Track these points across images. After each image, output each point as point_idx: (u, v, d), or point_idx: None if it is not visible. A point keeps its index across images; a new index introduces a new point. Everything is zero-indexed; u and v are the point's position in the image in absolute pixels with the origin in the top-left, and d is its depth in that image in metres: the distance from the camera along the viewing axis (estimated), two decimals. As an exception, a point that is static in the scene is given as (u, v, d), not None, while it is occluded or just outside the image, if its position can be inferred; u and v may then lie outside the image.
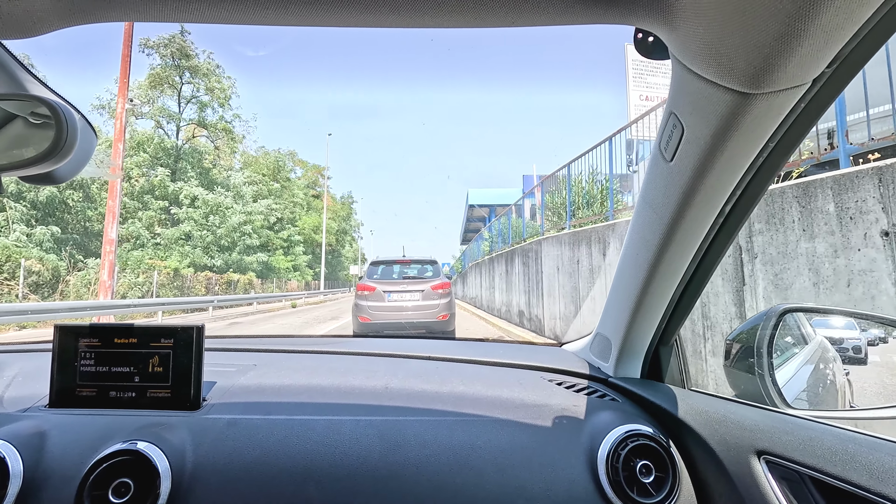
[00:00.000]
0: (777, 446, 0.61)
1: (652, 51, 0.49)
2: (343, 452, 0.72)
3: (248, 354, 1.07)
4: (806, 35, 0.36)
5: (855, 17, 0.36)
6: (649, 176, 0.67)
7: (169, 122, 28.93)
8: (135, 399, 0.79)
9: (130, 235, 23.57)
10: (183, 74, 28.55)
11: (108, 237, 11.56)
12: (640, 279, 0.77)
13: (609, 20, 0.44)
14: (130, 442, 0.68)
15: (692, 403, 0.78)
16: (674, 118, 0.55)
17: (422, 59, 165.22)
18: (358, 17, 0.43)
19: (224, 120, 30.60)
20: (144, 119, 27.70)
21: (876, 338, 0.85)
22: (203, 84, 29.24)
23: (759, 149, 0.53)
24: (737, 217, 0.65)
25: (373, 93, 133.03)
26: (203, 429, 0.75)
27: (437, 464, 0.72)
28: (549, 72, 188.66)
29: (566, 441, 0.77)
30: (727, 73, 0.43)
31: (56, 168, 0.51)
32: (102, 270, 11.46)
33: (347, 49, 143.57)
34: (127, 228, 23.36)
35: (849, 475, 0.52)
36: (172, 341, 0.80)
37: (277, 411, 0.79)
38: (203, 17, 0.43)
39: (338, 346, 1.17)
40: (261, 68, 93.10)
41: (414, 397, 0.85)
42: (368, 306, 7.16)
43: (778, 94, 0.44)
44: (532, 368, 1.03)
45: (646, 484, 0.70)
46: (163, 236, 24.84)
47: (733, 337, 0.88)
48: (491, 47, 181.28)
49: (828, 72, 0.43)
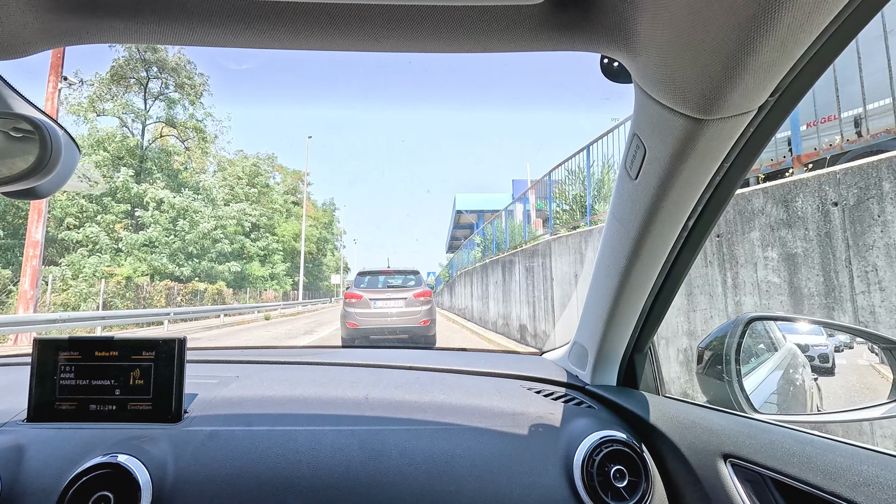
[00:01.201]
0: (741, 450, 0.64)
1: (617, 75, 0.53)
2: (325, 462, 0.73)
3: (231, 366, 1.07)
4: (748, 68, 0.40)
5: (791, 53, 0.40)
6: (617, 193, 0.71)
7: (135, 121, 26.80)
8: (115, 412, 0.79)
9: (88, 240, 21.38)
10: (150, 68, 26.46)
11: (31, 238, 9.62)
12: (612, 289, 0.79)
13: (576, 48, 0.48)
14: (111, 455, 0.68)
15: (664, 409, 0.81)
16: (637, 139, 0.59)
17: (403, 79, 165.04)
18: (339, 43, 0.46)
19: (195, 118, 28.48)
20: (106, 116, 25.58)
21: (842, 344, 0.87)
22: (172, 80, 27.20)
23: (715, 169, 0.56)
24: (700, 231, 0.67)
25: (355, 109, 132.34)
26: (184, 441, 0.75)
27: (417, 472, 0.73)
28: (534, 77, 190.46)
29: (543, 448, 0.78)
30: (681, 99, 0.46)
31: (39, 184, 0.52)
32: (24, 279, 9.49)
33: (332, 67, 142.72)
34: (83, 232, 21.17)
35: (805, 476, 0.55)
36: (154, 354, 0.80)
37: (259, 422, 0.79)
38: (188, 40, 0.45)
39: (320, 357, 1.19)
40: (243, 81, 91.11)
41: (395, 407, 0.85)
42: (356, 313, 7.66)
43: (727, 119, 0.47)
44: (511, 377, 1.04)
45: (619, 488, 0.71)
46: (125, 242, 22.69)
47: (705, 344, 0.89)
48: (471, 64, 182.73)
49: (771, 100, 0.47)
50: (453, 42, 0.46)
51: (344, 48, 0.46)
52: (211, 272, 26.86)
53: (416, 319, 7.77)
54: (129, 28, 0.43)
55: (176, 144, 28.59)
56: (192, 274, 25.35)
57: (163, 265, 23.29)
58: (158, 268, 23.21)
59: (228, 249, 28.28)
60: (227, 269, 27.85)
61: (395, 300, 7.86)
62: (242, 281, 32.71)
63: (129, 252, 22.60)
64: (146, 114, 26.87)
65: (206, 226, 25.95)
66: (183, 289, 22.42)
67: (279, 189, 47.01)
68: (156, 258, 23.38)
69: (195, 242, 25.48)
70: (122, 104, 25.60)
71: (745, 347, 0.83)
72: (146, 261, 22.86)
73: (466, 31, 0.44)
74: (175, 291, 21.49)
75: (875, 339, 0.83)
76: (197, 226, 25.59)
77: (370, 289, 8.08)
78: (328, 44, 0.46)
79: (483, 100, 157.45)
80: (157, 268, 23.16)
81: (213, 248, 27.13)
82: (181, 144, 29.38)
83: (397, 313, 7.75)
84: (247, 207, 31.95)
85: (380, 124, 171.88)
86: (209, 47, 0.47)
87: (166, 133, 28.53)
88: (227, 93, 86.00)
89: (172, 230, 24.66)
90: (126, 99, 25.96)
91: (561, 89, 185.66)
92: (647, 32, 0.43)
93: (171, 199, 24.61)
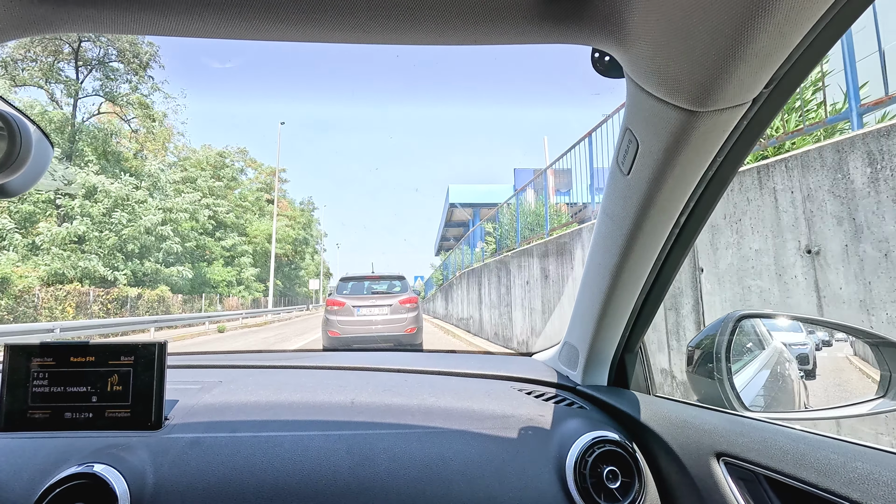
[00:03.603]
0: (734, 448, 0.63)
1: (608, 69, 0.52)
2: (311, 468, 0.71)
3: (214, 371, 1.04)
4: (743, 58, 0.40)
5: (786, 43, 0.39)
6: (608, 189, 0.69)
7: (67, 95, 22.34)
8: (92, 420, 0.75)
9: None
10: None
11: None
12: (603, 288, 0.78)
13: (567, 40, 0.47)
14: (86, 465, 0.65)
15: (656, 409, 0.79)
16: (629, 133, 0.58)
17: (390, 75, 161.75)
18: (324, 35, 0.45)
19: (139, 92, 23.97)
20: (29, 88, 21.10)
21: (821, 342, 0.86)
22: (112, 47, 22.84)
23: (708, 163, 0.56)
24: (692, 228, 0.67)
25: (338, 106, 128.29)
26: (164, 449, 0.72)
27: (406, 477, 0.71)
28: (529, 70, 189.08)
29: (535, 450, 0.77)
30: (675, 92, 0.46)
31: (8, 181, 0.50)
32: None
33: (314, 61, 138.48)
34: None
35: (799, 473, 0.54)
36: (133, 359, 0.77)
37: (243, 429, 0.76)
38: (164, 30, 0.43)
39: (306, 361, 1.16)
40: (219, 77, 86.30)
41: (384, 410, 0.83)
42: (338, 321, 7.40)
43: (721, 112, 0.47)
44: (501, 378, 1.03)
45: (612, 489, 0.70)
46: (45, 237, 18.25)
47: (695, 343, 0.88)
48: (463, 58, 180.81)
49: (765, 92, 0.47)
50: (442, 34, 0.45)
51: (329, 40, 0.45)
52: (157, 276, 22.38)
53: (401, 327, 7.48)
54: (104, 16, 0.41)
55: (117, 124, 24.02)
56: (133, 279, 20.89)
57: (92, 267, 18.84)
58: (87, 270, 18.77)
59: (180, 249, 23.72)
60: (175, 272, 23.27)
61: (380, 307, 7.57)
62: (202, 286, 28.26)
63: (47, 249, 18.16)
64: (78, 84, 22.35)
65: (151, 219, 21.36)
66: (104, 295, 17.89)
67: (251, 186, 42.67)
68: (84, 258, 18.93)
69: (135, 239, 20.94)
70: (44, 68, 20.94)
71: (734, 345, 0.82)
72: (69, 260, 18.41)
73: (455, 22, 0.43)
74: (91, 298, 16.93)
75: (862, 334, 0.82)
76: (138, 219, 21.08)
77: (353, 295, 7.81)
78: (312, 35, 0.44)
79: (476, 95, 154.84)
80: (85, 270, 18.72)
81: (160, 246, 22.57)
82: (127, 125, 24.90)
83: (382, 321, 7.47)
84: (204, 199, 27.52)
85: (366, 121, 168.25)
86: (184, 38, 0.44)
87: (108, 110, 24.05)
88: (200, 88, 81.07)
89: (107, 223, 20.23)
90: (50, 63, 21.36)
91: (553, 84, 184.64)
92: (640, 23, 0.42)
93: (107, 186, 20.23)
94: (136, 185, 21.80)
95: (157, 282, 22.27)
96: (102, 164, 21.78)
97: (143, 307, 19.88)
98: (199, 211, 26.28)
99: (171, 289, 22.71)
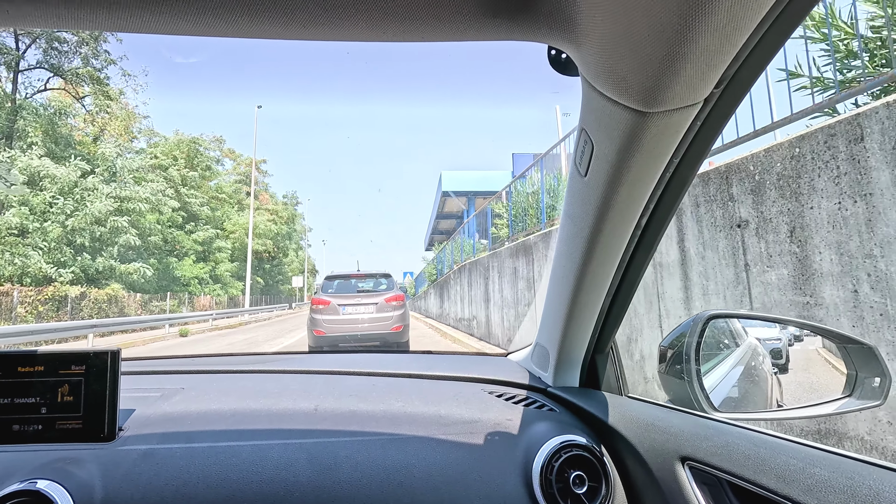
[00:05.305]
0: (699, 452, 0.63)
1: (565, 67, 0.51)
2: (270, 478, 0.69)
3: (177, 377, 1.00)
4: (688, 58, 0.39)
5: (732, 42, 0.39)
6: (568, 190, 0.68)
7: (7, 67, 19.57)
8: (41, 432, 0.72)
9: None
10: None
11: None
12: (569, 289, 0.77)
13: (520, 37, 0.46)
14: (29, 481, 0.63)
15: (625, 411, 0.79)
16: (584, 134, 0.57)
17: (372, 71, 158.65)
18: (276, 31, 0.44)
19: (91, 66, 21.23)
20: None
21: (792, 336, 0.86)
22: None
23: (664, 165, 0.55)
24: (654, 229, 0.66)
25: (331, 104, 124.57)
26: (115, 462, 0.70)
27: (369, 485, 0.70)
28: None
29: (502, 455, 0.76)
30: (624, 92, 0.45)
31: None
32: None
33: (291, 55, 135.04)
34: None
35: (760, 479, 0.54)
36: (84, 367, 0.74)
37: (200, 439, 0.74)
38: (133, 27, 0.42)
39: (273, 365, 1.12)
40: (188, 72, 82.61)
41: (347, 417, 0.82)
42: (323, 320, 7.33)
43: (672, 112, 0.46)
44: (473, 381, 1.01)
45: (579, 494, 0.69)
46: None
47: (666, 343, 0.87)
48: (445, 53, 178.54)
49: (716, 92, 0.46)
50: (389, 31, 0.44)
51: (283, 36, 0.45)
52: (112, 273, 19.78)
53: (387, 325, 7.40)
54: (83, 14, 0.40)
55: (69, 103, 21.29)
56: (84, 277, 18.31)
57: (34, 263, 16.25)
58: (26, 266, 16.20)
59: (138, 242, 21.09)
60: (134, 269, 20.63)
61: (366, 305, 7.49)
62: (171, 283, 25.66)
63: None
64: (19, 55, 19.60)
65: (99, 206, 18.68)
66: (35, 295, 15.29)
67: (228, 178, 39.88)
68: (21, 251, 16.34)
69: (83, 230, 18.34)
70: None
71: (706, 345, 0.82)
72: (3, 256, 15.82)
73: (402, 19, 0.42)
74: (15, 299, 14.31)
75: (830, 335, 0.82)
76: (85, 207, 18.45)
77: (339, 294, 7.74)
78: (266, 31, 0.43)
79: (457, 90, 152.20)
80: (22, 266, 16.14)
81: (115, 240, 19.96)
82: (82, 106, 22.18)
83: (368, 319, 7.40)
84: (169, 189, 24.83)
85: (351, 116, 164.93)
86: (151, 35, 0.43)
87: (57, 87, 21.31)
88: (171, 82, 77.34)
89: (50, 212, 17.61)
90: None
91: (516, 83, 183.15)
92: (587, 20, 0.41)
93: (52, 171, 17.60)
94: (85, 170, 19.12)
95: (112, 279, 19.66)
96: (49, 146, 19.09)
97: (89, 309, 17.26)
98: (164, 202, 23.64)
99: (128, 287, 20.11)
